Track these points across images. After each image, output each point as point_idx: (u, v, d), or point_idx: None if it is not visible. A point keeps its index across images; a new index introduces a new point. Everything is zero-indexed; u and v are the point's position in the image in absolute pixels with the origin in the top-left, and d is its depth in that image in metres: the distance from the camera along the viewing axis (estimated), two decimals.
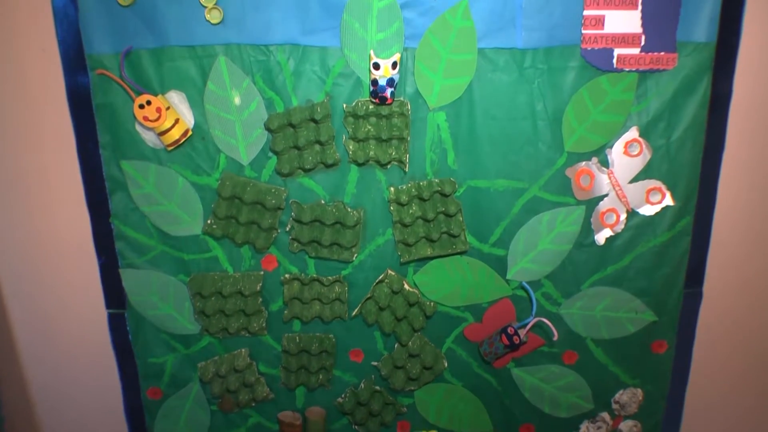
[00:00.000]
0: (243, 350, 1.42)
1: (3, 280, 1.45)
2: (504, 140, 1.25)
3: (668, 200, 1.29)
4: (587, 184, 1.28)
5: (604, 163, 1.28)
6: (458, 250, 1.32)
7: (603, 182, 1.28)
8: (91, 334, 1.47)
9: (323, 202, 1.30)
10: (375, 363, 1.43)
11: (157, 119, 1.21)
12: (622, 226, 1.31)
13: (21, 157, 1.35)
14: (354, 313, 1.38)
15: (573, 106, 1.23)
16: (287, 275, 1.35)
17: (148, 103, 1.20)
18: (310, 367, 1.42)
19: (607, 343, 1.40)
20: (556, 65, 1.21)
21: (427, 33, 1.19)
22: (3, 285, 1.45)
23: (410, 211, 1.30)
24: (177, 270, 1.36)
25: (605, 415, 1.46)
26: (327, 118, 1.23)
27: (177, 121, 1.23)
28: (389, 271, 1.35)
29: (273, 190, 1.29)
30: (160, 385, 1.46)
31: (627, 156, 1.27)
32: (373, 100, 1.21)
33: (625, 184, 1.28)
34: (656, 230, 1.31)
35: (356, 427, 1.49)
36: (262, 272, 1.35)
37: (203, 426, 1.49)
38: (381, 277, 1.35)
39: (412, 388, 1.44)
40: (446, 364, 1.43)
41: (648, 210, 1.30)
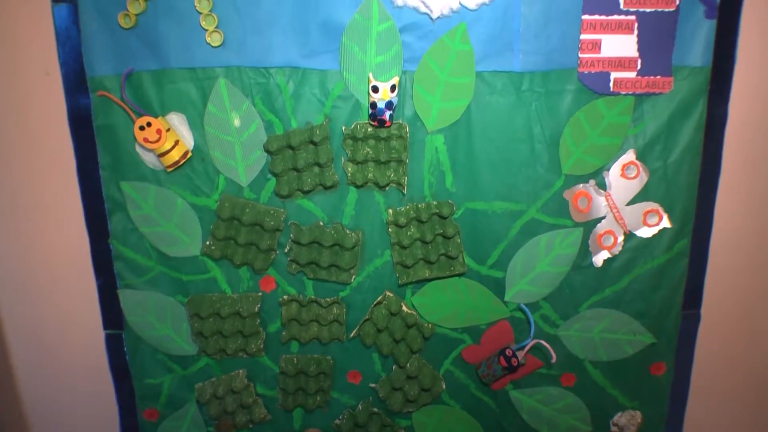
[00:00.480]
0: (240, 371, 1.42)
1: (0, 299, 1.45)
2: (502, 163, 1.26)
3: (665, 222, 1.29)
4: (585, 207, 1.29)
5: (602, 186, 1.28)
6: (456, 272, 1.32)
7: (600, 204, 1.29)
8: (88, 354, 1.46)
9: (322, 223, 1.30)
10: (373, 385, 1.42)
11: (157, 141, 1.22)
12: (620, 248, 1.31)
13: (21, 176, 1.36)
14: (352, 334, 1.38)
15: (570, 129, 1.24)
16: (285, 296, 1.35)
17: (149, 124, 1.21)
18: (307, 388, 1.41)
19: (605, 365, 1.40)
20: (554, 88, 1.22)
21: (425, 56, 1.20)
22: (0, 304, 1.45)
23: (408, 233, 1.30)
24: (175, 291, 1.36)
25: None
26: (326, 140, 1.24)
27: (177, 142, 1.24)
28: (387, 293, 1.35)
29: (272, 212, 1.29)
30: (157, 406, 1.45)
31: (624, 178, 1.28)
32: (372, 123, 1.23)
33: (623, 206, 1.29)
34: (654, 252, 1.32)
35: None
36: (261, 293, 1.35)
37: None
38: (379, 299, 1.35)
39: (410, 410, 1.43)
40: (444, 386, 1.42)
41: (645, 232, 1.30)
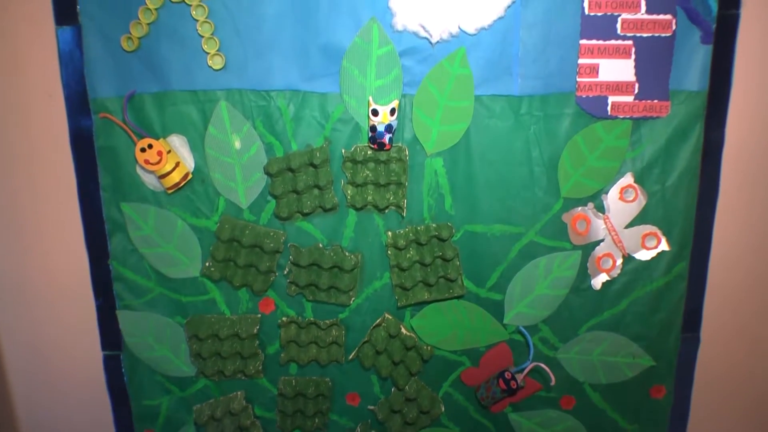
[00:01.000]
0: (239, 393, 1.41)
1: None
2: (501, 186, 1.27)
3: (664, 245, 1.30)
4: (583, 230, 1.29)
5: (600, 209, 1.29)
6: (455, 295, 1.32)
7: (599, 227, 1.30)
8: (86, 375, 1.45)
9: (321, 245, 1.30)
10: (371, 407, 1.41)
11: (158, 162, 1.22)
12: (619, 271, 1.32)
13: (22, 196, 1.36)
14: (351, 356, 1.37)
15: (568, 152, 1.25)
16: (284, 318, 1.35)
17: (150, 146, 1.22)
18: (306, 410, 1.41)
19: (604, 387, 1.39)
20: (552, 112, 1.24)
21: (425, 80, 1.22)
22: None
23: (408, 255, 1.31)
24: (174, 312, 1.36)
25: None
26: (326, 162, 1.25)
27: (177, 164, 1.24)
28: (386, 315, 1.35)
29: (271, 234, 1.30)
30: (154, 428, 1.44)
31: (622, 201, 1.28)
32: (372, 146, 1.23)
33: (621, 229, 1.30)
34: (652, 275, 1.32)
35: None
36: (260, 315, 1.35)
37: None
38: (378, 321, 1.35)
39: None
40: (443, 409, 1.42)
41: (644, 255, 1.31)
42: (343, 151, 1.25)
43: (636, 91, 1.23)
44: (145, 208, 1.29)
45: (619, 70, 1.22)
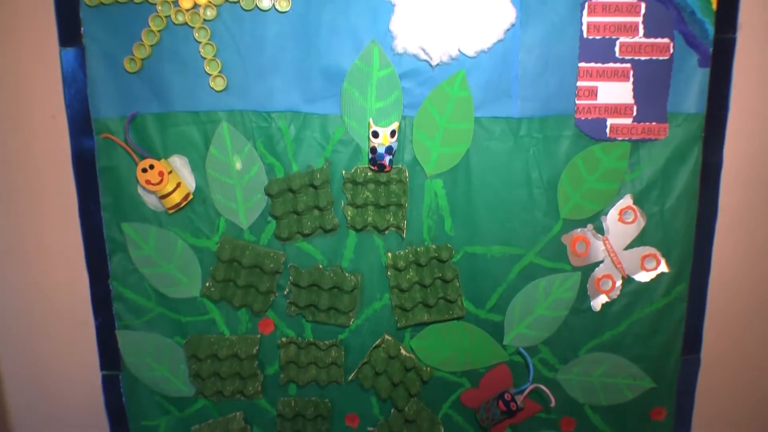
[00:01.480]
0: (238, 414, 1.40)
1: None
2: (500, 207, 1.27)
3: (663, 267, 1.30)
4: (583, 251, 1.30)
5: (600, 230, 1.29)
6: (455, 316, 1.32)
7: (598, 249, 1.30)
8: (85, 395, 1.45)
9: (321, 266, 1.31)
10: (371, 428, 1.41)
11: (159, 183, 1.23)
12: (618, 293, 1.32)
13: (23, 215, 1.37)
14: (350, 377, 1.37)
15: (568, 174, 1.26)
16: (284, 339, 1.35)
17: (151, 167, 1.23)
18: (305, 431, 1.40)
19: (605, 409, 1.39)
20: (551, 134, 1.24)
21: (425, 102, 1.23)
22: None
23: (407, 276, 1.31)
24: (173, 332, 1.35)
25: None
26: (326, 184, 1.25)
27: (179, 185, 1.25)
28: (386, 336, 1.34)
29: (272, 254, 1.30)
30: None
31: (622, 223, 1.29)
32: (372, 168, 1.24)
33: (621, 250, 1.30)
34: (652, 297, 1.32)
35: None
36: (259, 335, 1.35)
37: None
38: (378, 342, 1.35)
39: None
40: (443, 430, 1.40)
41: (643, 276, 1.31)
42: (343, 172, 1.26)
43: (634, 113, 1.24)
44: (145, 228, 1.30)
45: (617, 92, 1.23)
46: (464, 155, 1.25)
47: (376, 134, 1.21)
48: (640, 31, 1.21)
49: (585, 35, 1.21)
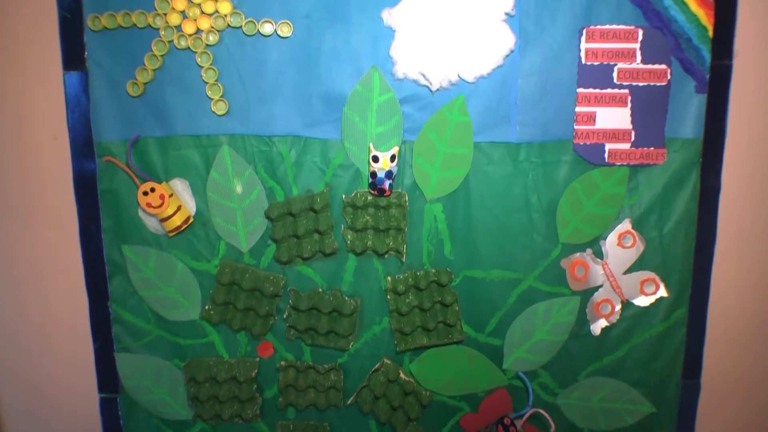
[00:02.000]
0: None
1: None
2: (499, 231, 1.28)
3: (662, 291, 1.30)
4: (582, 275, 1.30)
5: (599, 255, 1.30)
6: (454, 340, 1.32)
7: (597, 273, 1.30)
8: (83, 417, 1.44)
9: (321, 290, 1.31)
10: None
11: (160, 206, 1.23)
12: (618, 317, 1.32)
13: (24, 236, 1.37)
14: (349, 401, 1.36)
15: (567, 199, 1.26)
16: (283, 362, 1.34)
17: (152, 190, 1.23)
18: None
19: None
20: (550, 159, 1.25)
21: (425, 127, 1.24)
22: None
23: (407, 300, 1.31)
24: (172, 355, 1.35)
25: None
26: (326, 208, 1.26)
27: (179, 208, 1.25)
28: (385, 360, 1.34)
29: (271, 278, 1.30)
30: None
31: (621, 247, 1.29)
32: (372, 192, 1.25)
33: (620, 275, 1.30)
34: (652, 321, 1.32)
35: None
36: (258, 359, 1.35)
37: None
38: (377, 366, 1.34)
39: None
40: None
41: (643, 301, 1.31)
42: (343, 196, 1.26)
43: (632, 138, 1.25)
44: (145, 250, 1.30)
45: (615, 118, 1.24)
46: (464, 180, 1.25)
47: (376, 159, 1.22)
48: (638, 58, 1.22)
49: (583, 61, 1.22)
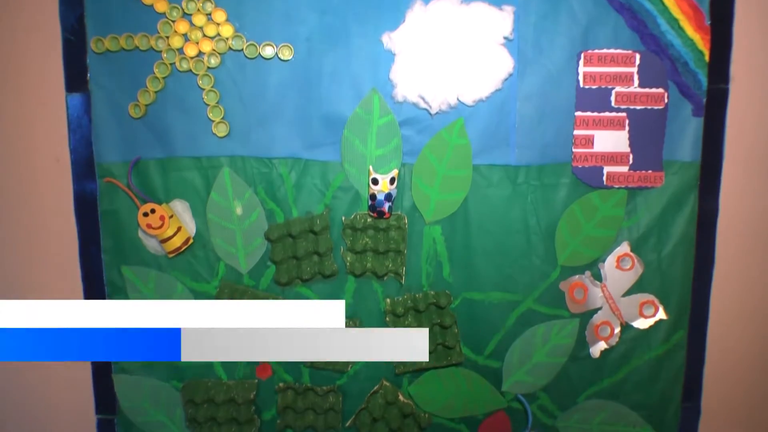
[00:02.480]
0: None
1: None
2: (498, 253, 1.28)
3: (661, 314, 1.30)
4: (581, 298, 1.30)
5: (597, 277, 1.30)
6: (453, 362, 1.31)
7: (596, 296, 1.30)
8: None
9: None
10: None
11: (160, 227, 1.24)
12: (617, 339, 1.31)
13: (24, 256, 1.37)
14: (348, 423, 1.35)
15: (565, 221, 1.27)
16: (282, 384, 1.34)
17: (153, 211, 1.24)
18: None
19: None
20: (549, 182, 1.26)
21: (424, 150, 1.25)
22: None
23: (406, 322, 1.31)
24: (170, 376, 1.34)
25: None
26: (326, 229, 1.27)
27: (179, 229, 1.26)
28: (384, 382, 1.34)
29: (271, 298, 1.30)
30: None
31: (619, 270, 1.29)
32: (371, 214, 1.25)
33: (619, 297, 1.30)
34: (651, 344, 1.32)
35: None
36: (257, 380, 1.34)
37: None
38: (376, 388, 1.34)
39: None
40: None
41: (642, 323, 1.31)
42: (343, 218, 1.27)
43: (630, 161, 1.26)
44: (145, 271, 1.30)
45: (613, 141, 1.25)
46: (463, 202, 1.26)
47: (375, 181, 1.22)
48: (635, 82, 1.24)
49: (581, 85, 1.24)
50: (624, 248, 1.29)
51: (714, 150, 1.28)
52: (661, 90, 1.24)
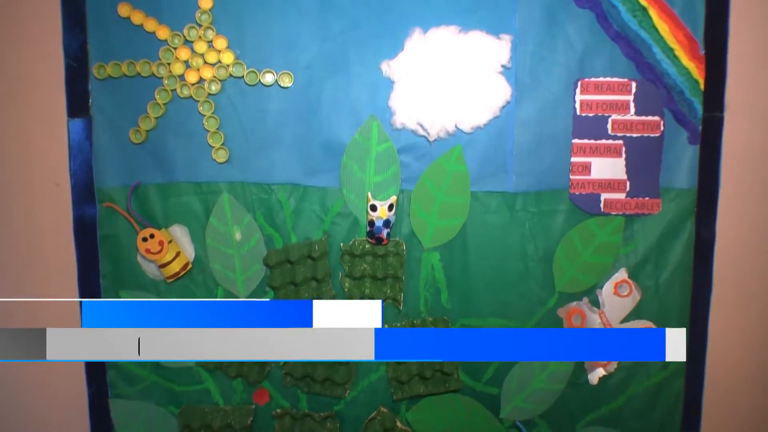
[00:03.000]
0: None
1: None
2: (496, 280, 1.28)
3: None
4: (579, 324, 1.30)
5: (595, 304, 1.30)
6: (451, 388, 1.31)
7: (594, 322, 1.30)
8: None
9: None
10: None
11: (159, 252, 1.24)
12: (615, 366, 1.31)
13: (22, 280, 1.37)
14: None
15: (563, 248, 1.27)
16: (279, 410, 1.33)
17: (152, 236, 1.24)
18: None
19: None
20: (546, 208, 1.27)
21: (422, 176, 1.25)
22: None
23: None
24: (167, 401, 1.34)
25: None
26: (324, 255, 1.27)
27: (178, 254, 1.26)
28: (382, 408, 1.33)
29: None
30: None
31: (617, 296, 1.29)
32: (370, 240, 1.26)
33: (617, 323, 1.30)
34: (649, 370, 1.32)
35: None
36: (254, 406, 1.33)
37: None
38: (373, 415, 1.33)
39: None
40: None
41: None
42: (341, 244, 1.27)
43: (627, 188, 1.27)
44: (144, 296, 1.30)
45: (610, 168, 1.26)
46: (461, 229, 1.26)
47: (374, 208, 1.23)
48: (632, 109, 1.25)
49: (578, 112, 1.25)
50: (622, 275, 1.29)
51: (710, 177, 1.28)
52: (657, 118, 1.25)
